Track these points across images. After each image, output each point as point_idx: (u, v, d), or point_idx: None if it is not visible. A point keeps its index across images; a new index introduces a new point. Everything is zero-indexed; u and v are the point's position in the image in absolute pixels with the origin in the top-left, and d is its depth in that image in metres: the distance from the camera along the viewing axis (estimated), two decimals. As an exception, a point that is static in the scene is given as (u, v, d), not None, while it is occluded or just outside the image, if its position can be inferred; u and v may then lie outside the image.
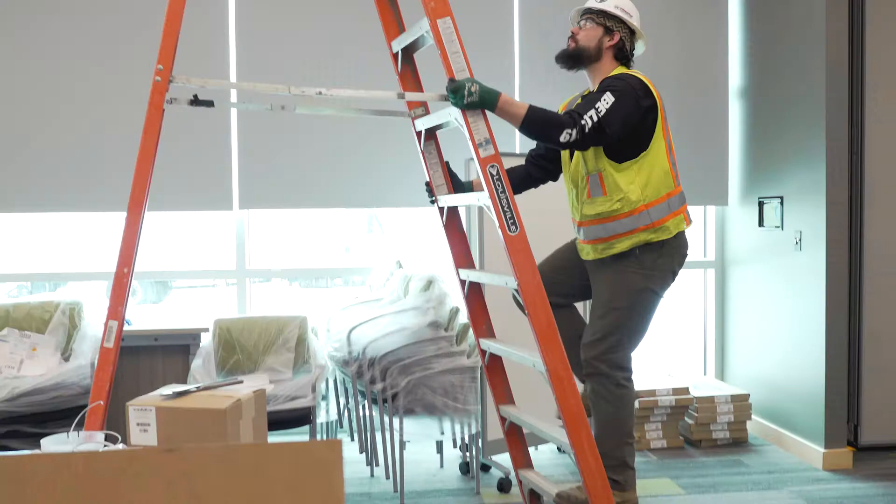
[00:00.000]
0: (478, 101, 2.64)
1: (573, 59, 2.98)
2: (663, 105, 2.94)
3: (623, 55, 3.01)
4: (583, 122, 2.70)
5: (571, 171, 3.03)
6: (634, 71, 2.99)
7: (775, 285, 4.83)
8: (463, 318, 4.00)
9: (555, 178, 3.29)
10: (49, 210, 4.81)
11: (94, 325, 4.31)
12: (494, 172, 2.67)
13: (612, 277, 2.94)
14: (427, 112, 3.12)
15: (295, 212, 5.51)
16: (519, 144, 4.93)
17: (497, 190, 2.66)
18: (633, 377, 3.02)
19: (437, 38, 2.65)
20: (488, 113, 2.71)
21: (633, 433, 2.99)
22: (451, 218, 3.17)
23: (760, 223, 4.95)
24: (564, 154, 3.09)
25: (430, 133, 3.13)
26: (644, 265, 2.90)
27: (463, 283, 3.14)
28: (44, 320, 4.30)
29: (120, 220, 2.72)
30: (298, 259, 7.36)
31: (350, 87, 4.25)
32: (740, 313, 5.24)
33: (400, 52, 3.11)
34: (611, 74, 2.93)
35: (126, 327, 3.71)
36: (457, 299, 3.98)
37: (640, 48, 3.09)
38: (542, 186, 3.31)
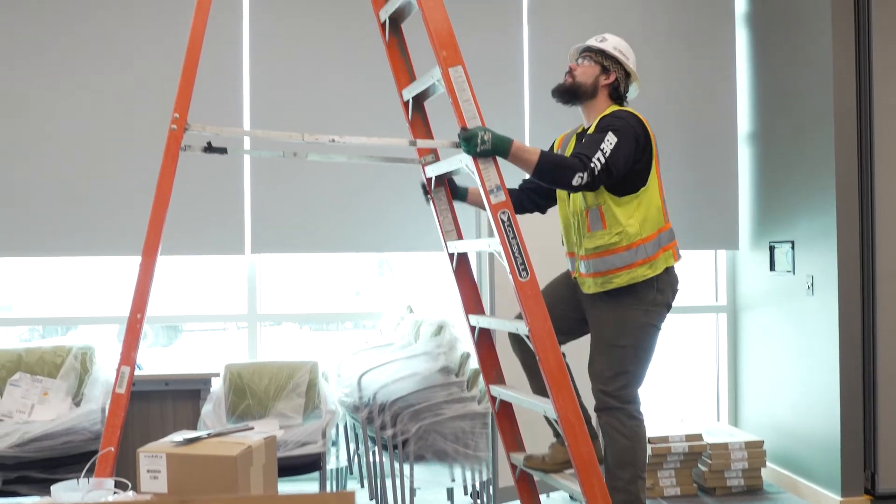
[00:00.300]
0: (491, 150, 2.68)
1: (569, 93, 3.04)
2: (656, 143, 3.00)
3: (618, 95, 3.07)
4: (592, 164, 2.74)
5: (570, 205, 3.06)
6: (629, 108, 3.03)
7: (788, 330, 4.80)
8: (474, 363, 3.99)
9: (542, 212, 3.33)
10: (61, 254, 4.86)
11: (105, 369, 4.31)
12: (505, 219, 2.69)
13: (612, 315, 2.96)
14: (437, 159, 3.15)
15: (306, 255, 5.54)
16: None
17: (508, 236, 2.67)
18: (644, 412, 3.03)
19: (448, 87, 2.69)
20: (499, 159, 2.73)
21: (645, 469, 2.98)
22: (462, 264, 3.18)
23: (772, 267, 4.94)
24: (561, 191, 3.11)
25: (440, 180, 3.15)
26: (643, 302, 2.93)
27: (473, 328, 3.14)
28: (56, 365, 4.31)
29: (131, 264, 2.74)
30: (309, 303, 7.37)
31: (362, 135, 4.30)
32: (753, 358, 5.20)
33: (411, 100, 3.16)
34: (607, 112, 2.98)
35: (137, 372, 3.72)
36: (468, 344, 3.97)
37: (633, 91, 3.14)
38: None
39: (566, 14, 5.10)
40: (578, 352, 3.17)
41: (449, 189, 3.18)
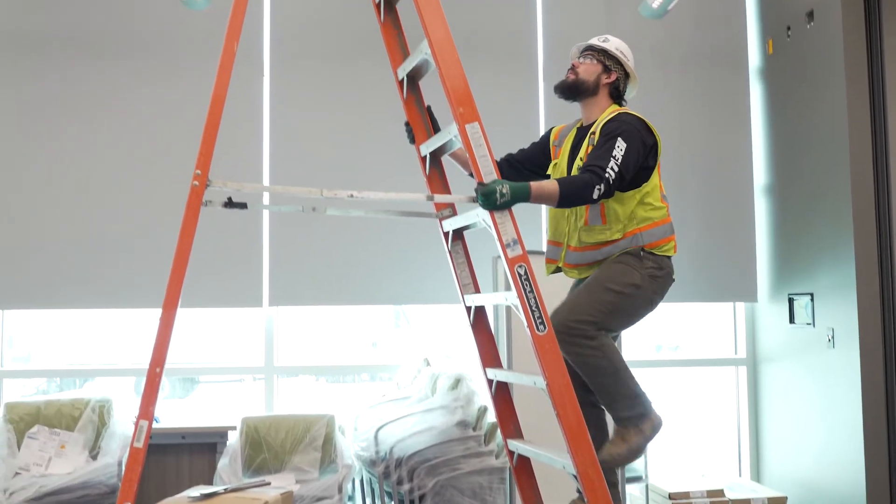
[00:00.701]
0: (511, 200, 2.71)
1: (572, 90, 3.10)
2: (661, 144, 3.04)
3: (617, 94, 3.13)
4: (606, 174, 2.80)
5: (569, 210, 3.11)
6: (632, 112, 3.07)
7: (809, 383, 4.74)
8: (491, 417, 3.96)
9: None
10: (79, 307, 4.90)
11: (122, 422, 4.32)
12: (522, 272, 2.69)
13: (610, 267, 2.95)
14: (454, 213, 3.17)
15: (322, 306, 5.55)
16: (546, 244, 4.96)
17: (525, 290, 2.68)
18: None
19: (465, 143, 2.72)
20: (515, 212, 2.75)
21: (626, 366, 2.91)
22: (479, 317, 3.18)
23: (791, 320, 4.90)
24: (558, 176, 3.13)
25: (458, 233, 3.17)
26: (644, 267, 2.94)
27: (490, 382, 3.12)
28: (73, 417, 4.32)
29: (148, 315, 2.76)
30: (325, 354, 7.35)
31: (379, 189, 4.35)
32: (774, 412, 5.13)
33: (428, 155, 3.20)
34: (610, 114, 3.02)
35: (154, 425, 3.72)
36: (485, 398, 3.95)
37: (631, 91, 3.20)
38: None
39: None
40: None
41: (465, 244, 3.19)
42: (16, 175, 4.84)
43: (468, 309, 3.16)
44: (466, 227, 3.11)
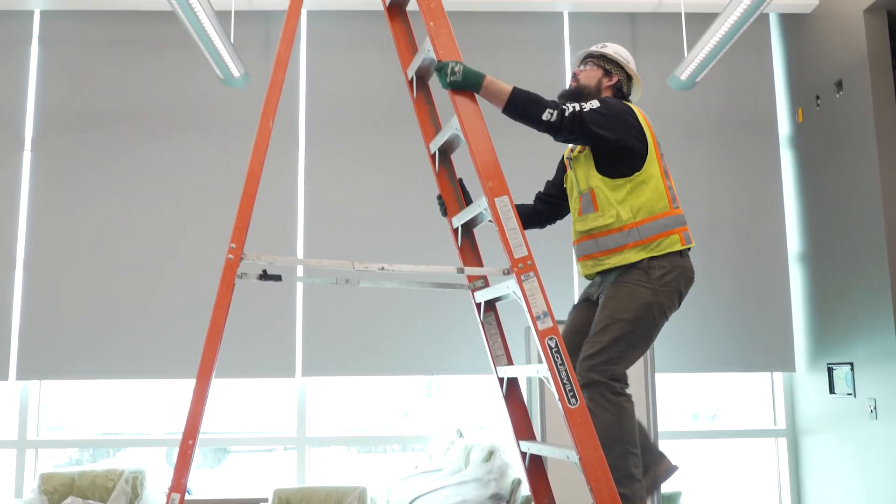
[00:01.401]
0: (461, 81, 2.72)
1: (574, 96, 3.08)
2: (656, 135, 3.01)
3: (621, 95, 3.14)
4: (564, 107, 2.79)
5: (568, 186, 3.13)
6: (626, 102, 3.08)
7: (851, 455, 4.61)
8: (526, 490, 3.89)
9: (563, 216, 3.32)
10: (113, 377, 4.95)
11: (155, 493, 4.32)
12: (553, 345, 2.68)
13: (619, 290, 2.90)
14: (486, 284, 3.18)
15: (354, 377, 5.54)
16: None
17: (556, 362, 2.66)
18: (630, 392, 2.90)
19: (495, 216, 2.75)
20: (543, 279, 2.75)
21: (636, 443, 2.84)
22: (512, 388, 3.16)
23: (831, 390, 4.80)
24: (568, 184, 3.14)
25: (490, 305, 3.17)
26: (651, 280, 2.87)
27: (524, 455, 3.08)
28: (107, 489, 4.33)
29: (180, 385, 2.78)
30: (357, 424, 7.31)
31: (411, 261, 4.39)
32: (816, 484, 4.98)
33: (460, 227, 3.23)
34: None
35: (186, 497, 3.70)
36: (519, 470, 3.89)
37: (636, 93, 3.21)
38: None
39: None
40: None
41: (497, 315, 3.19)
42: (51, 246, 4.96)
43: (501, 380, 3.14)
44: (498, 299, 3.12)
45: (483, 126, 2.77)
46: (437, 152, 3.24)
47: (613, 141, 2.88)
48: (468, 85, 2.75)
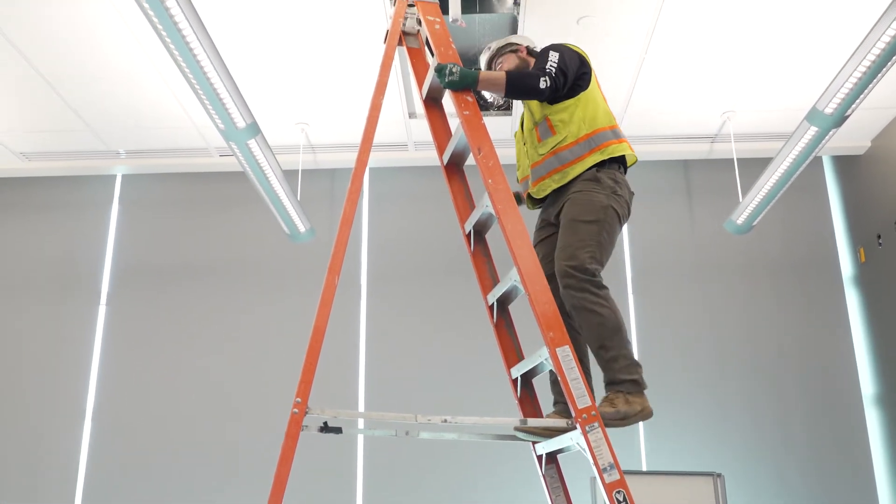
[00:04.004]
0: (458, 81, 2.94)
1: (523, 72, 3.26)
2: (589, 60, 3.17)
3: (531, 51, 3.34)
4: (548, 69, 2.96)
5: (522, 133, 3.27)
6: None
7: None
8: None
9: None
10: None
11: None
12: (621, 498, 2.61)
13: (578, 198, 3.00)
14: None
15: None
16: (645, 462, 4.80)
17: (624, 518, 2.58)
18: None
19: (556, 366, 2.75)
20: (609, 434, 2.71)
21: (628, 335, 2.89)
22: (578, 545, 3.05)
23: (922, 544, 4.50)
24: (523, 122, 3.29)
25: (551, 457, 3.12)
26: (605, 187, 3.00)
27: None
28: None
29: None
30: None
31: (468, 411, 4.38)
32: None
33: (519, 378, 3.22)
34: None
35: None
36: None
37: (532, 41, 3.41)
38: None
39: (667, 292, 5.23)
40: None
41: (560, 468, 3.13)
42: (120, 397, 5.08)
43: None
44: (560, 451, 3.07)
45: (542, 278, 2.82)
46: (495, 303, 3.28)
47: (582, 74, 3.12)
48: (466, 83, 2.98)
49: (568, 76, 3.06)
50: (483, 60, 3.55)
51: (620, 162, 3.12)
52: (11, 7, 3.88)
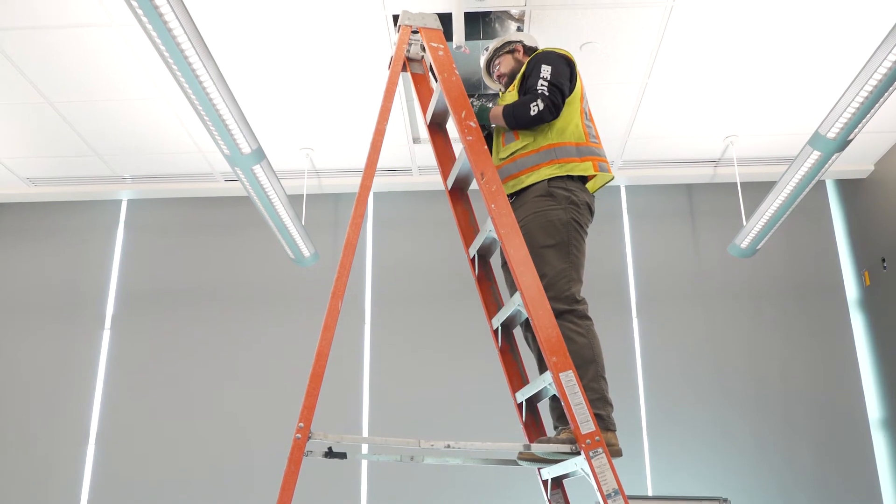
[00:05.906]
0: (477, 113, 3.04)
1: (510, 81, 3.31)
2: (581, 78, 3.16)
3: (532, 50, 3.33)
4: (539, 90, 2.96)
5: (495, 133, 3.24)
6: (549, 48, 3.21)
7: None
8: None
9: None
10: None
11: None
12: (625, 526, 2.59)
13: (535, 220, 2.98)
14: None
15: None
16: (651, 486, 4.77)
17: (629, 544, 2.56)
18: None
19: (560, 391, 2.74)
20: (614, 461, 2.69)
21: (604, 368, 2.89)
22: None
23: (932, 571, 4.45)
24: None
25: (557, 482, 3.11)
26: (560, 201, 2.97)
27: None
28: None
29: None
30: None
31: (472, 436, 4.36)
32: None
33: (524, 403, 3.21)
34: (530, 57, 3.17)
35: None
36: None
37: (534, 40, 3.40)
38: None
39: (671, 316, 5.22)
40: None
41: (565, 493, 3.12)
42: (123, 421, 5.07)
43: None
44: (566, 476, 3.05)
45: (546, 302, 2.81)
46: (499, 328, 3.28)
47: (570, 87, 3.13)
48: (482, 120, 3.09)
49: (563, 89, 3.06)
50: (482, 62, 3.58)
51: (580, 179, 3.09)
52: (18, 33, 3.93)
